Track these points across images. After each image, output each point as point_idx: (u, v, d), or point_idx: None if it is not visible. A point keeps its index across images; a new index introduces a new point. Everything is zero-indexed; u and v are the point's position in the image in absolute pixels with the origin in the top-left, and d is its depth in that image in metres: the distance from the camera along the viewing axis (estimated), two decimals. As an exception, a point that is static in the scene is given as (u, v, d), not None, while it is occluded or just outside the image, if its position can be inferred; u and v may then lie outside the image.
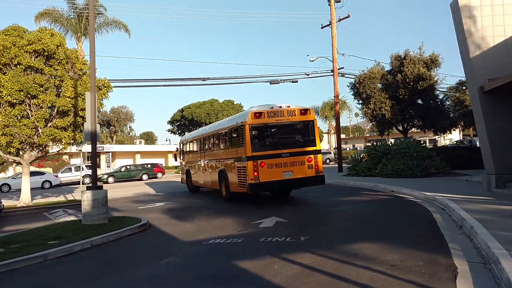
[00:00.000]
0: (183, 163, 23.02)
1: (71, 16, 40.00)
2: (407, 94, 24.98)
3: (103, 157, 58.66)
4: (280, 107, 13.99)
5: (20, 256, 7.81)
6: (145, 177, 38.12)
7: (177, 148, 25.43)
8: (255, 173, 13.09)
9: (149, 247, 8.97)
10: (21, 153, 17.69)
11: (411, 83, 24.57)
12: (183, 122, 69.90)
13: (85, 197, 11.20)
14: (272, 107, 13.91)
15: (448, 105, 28.51)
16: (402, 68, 25.42)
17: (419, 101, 26.28)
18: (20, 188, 30.22)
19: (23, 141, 16.57)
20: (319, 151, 14.16)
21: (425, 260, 6.20)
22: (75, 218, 13.51)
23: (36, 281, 6.85)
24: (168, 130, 74.38)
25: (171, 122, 73.23)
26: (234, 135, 14.74)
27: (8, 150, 16.88)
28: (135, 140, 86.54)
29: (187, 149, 22.30)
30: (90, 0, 11.61)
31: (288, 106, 14.15)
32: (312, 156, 13.82)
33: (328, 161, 51.34)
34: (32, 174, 31.99)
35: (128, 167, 40.25)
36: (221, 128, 16.44)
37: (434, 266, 5.91)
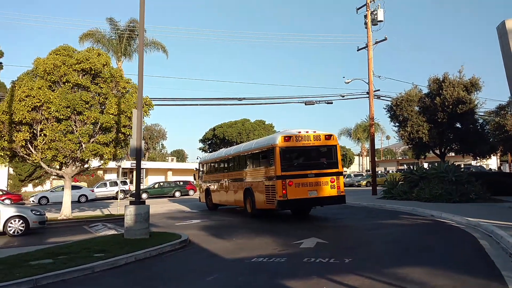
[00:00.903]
0: (202, 183, 24.20)
1: (113, 37, 41.58)
2: (445, 117, 24.55)
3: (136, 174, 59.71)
4: (307, 132, 15.49)
5: (69, 268, 8.02)
6: (177, 194, 38.57)
7: (196, 168, 26.45)
8: (284, 191, 14.38)
9: (192, 263, 9.06)
10: (63, 167, 18.25)
11: (450, 107, 24.16)
12: (214, 141, 70.61)
13: (128, 212, 11.44)
14: (300, 132, 15.38)
15: (488, 129, 27.82)
16: (440, 91, 25.05)
17: (458, 125, 25.75)
18: (58, 201, 31.37)
19: (67, 155, 17.11)
20: (341, 173, 15.49)
21: (479, 286, 6.06)
22: (116, 232, 13.79)
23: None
24: (200, 149, 75.22)
25: (202, 140, 74.07)
26: (263, 156, 16.00)
27: (53, 164, 17.48)
28: (167, 158, 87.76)
29: (207, 169, 23.64)
30: (140, 25, 12.03)
31: (314, 131, 15.68)
32: (334, 177, 15.16)
33: (357, 183, 50.77)
34: (72, 188, 32.99)
35: (161, 183, 40.85)
36: (248, 150, 17.79)
37: (490, 293, 5.77)
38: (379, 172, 71.67)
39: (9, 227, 14.10)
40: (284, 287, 6.62)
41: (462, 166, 49.02)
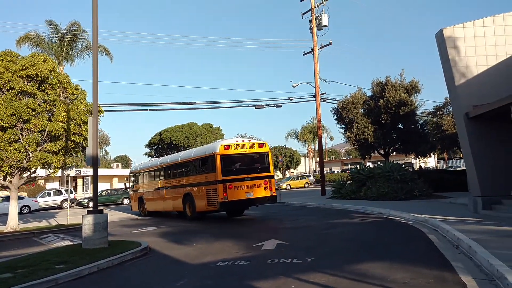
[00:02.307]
0: (134, 192, 25.22)
1: (53, 41, 40.04)
2: (389, 119, 25.80)
3: (80, 181, 57.77)
4: (243, 140, 18.12)
5: (33, 281, 7.82)
6: (126, 201, 37.64)
7: (126, 178, 26.87)
8: (225, 194, 16.21)
9: (157, 271, 9.07)
10: (8, 177, 17.49)
11: (393, 108, 25.42)
12: (161, 145, 69.53)
13: (86, 221, 11.23)
14: (237, 140, 17.83)
15: (427, 129, 29.50)
16: (383, 93, 26.29)
17: (400, 126, 27.14)
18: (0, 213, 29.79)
19: (13, 165, 16.43)
20: (272, 176, 17.85)
21: (434, 277, 6.58)
22: (71, 243, 13.44)
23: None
24: (146, 154, 73.72)
25: (148, 145, 72.73)
26: (204, 163, 17.75)
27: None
28: (111, 164, 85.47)
29: (140, 179, 24.72)
30: (93, 30, 11.86)
31: (249, 140, 18.43)
32: (267, 180, 17.37)
33: (307, 185, 51.88)
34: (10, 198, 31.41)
35: (109, 191, 39.79)
36: (187, 158, 19.37)
37: (444, 283, 6.29)
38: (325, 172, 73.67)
39: (-46, 242, 13.38)
40: (254, 288, 6.84)
41: (404, 164, 51.46)
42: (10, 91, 16.34)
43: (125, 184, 32.82)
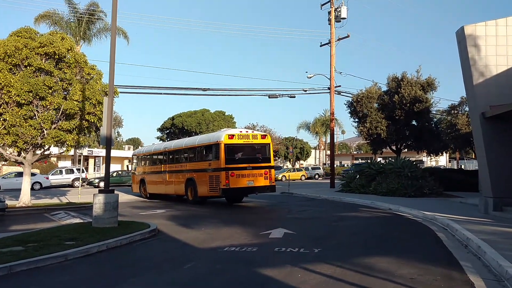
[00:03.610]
0: (136, 174, 25.67)
1: (71, 20, 40.14)
2: (403, 115, 25.59)
3: (91, 161, 58.34)
4: (247, 131, 18.73)
5: (43, 255, 7.95)
6: (136, 183, 37.98)
7: (129, 160, 27.49)
8: (227, 181, 16.90)
9: (165, 252, 9.18)
10: (23, 153, 17.72)
11: (408, 105, 25.20)
12: (173, 130, 69.83)
13: (97, 200, 11.36)
14: (241, 131, 18.45)
15: (441, 128, 29.22)
16: (399, 89, 26.06)
17: (414, 123, 26.92)
18: (10, 188, 30.29)
19: (28, 141, 16.62)
20: (272, 167, 18.64)
21: (441, 275, 6.56)
22: (81, 221, 13.61)
23: (67, 279, 7.01)
24: (157, 138, 74.16)
25: (161, 129, 73.12)
26: (208, 150, 18.42)
27: (12, 149, 16.94)
28: (123, 146, 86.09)
29: (143, 162, 25.36)
30: (112, 10, 11.87)
31: (252, 131, 19.24)
32: (268, 170, 18.13)
33: (317, 176, 51.87)
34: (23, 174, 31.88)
35: (120, 172, 40.11)
36: (191, 144, 20.07)
37: (452, 281, 6.28)
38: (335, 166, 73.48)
39: (-32, 214, 13.64)
40: (261, 275, 6.88)
41: (415, 161, 51.20)
42: (28, 67, 16.46)
43: (127, 166, 33.24)
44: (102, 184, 35.76)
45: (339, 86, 31.62)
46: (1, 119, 16.23)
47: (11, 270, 7.20)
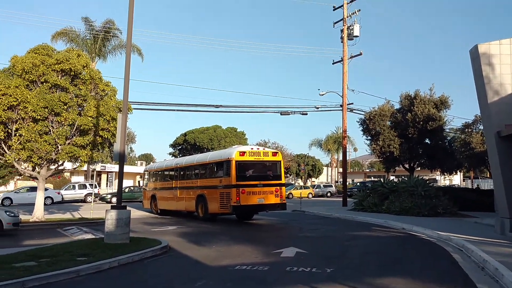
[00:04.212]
0: (148, 190, 25.60)
1: (87, 37, 40.82)
2: (416, 133, 25.43)
3: (104, 177, 58.69)
4: (258, 148, 18.68)
5: (55, 271, 7.97)
6: (148, 199, 38.06)
7: (141, 176, 27.78)
8: (237, 198, 16.78)
9: (177, 270, 9.14)
10: (37, 168, 17.91)
11: (421, 123, 25.04)
12: (185, 146, 70.15)
13: (109, 216, 11.39)
14: (252, 148, 18.58)
15: (455, 146, 28.92)
16: (412, 107, 25.94)
17: (427, 141, 26.71)
18: (22, 203, 30.53)
19: (42, 156, 16.81)
20: (283, 184, 18.62)
21: (458, 298, 6.42)
22: (93, 236, 13.65)
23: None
24: (170, 154, 74.52)
25: (173, 145, 73.51)
26: (219, 167, 18.36)
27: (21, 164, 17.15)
28: (136, 162, 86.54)
29: (154, 178, 25.44)
30: (128, 29, 12.06)
31: (264, 149, 18.99)
32: (278, 187, 18.03)
33: (329, 194, 51.46)
34: (35, 189, 32.15)
35: (132, 188, 40.31)
36: (203, 161, 20.12)
37: (469, 304, 6.13)
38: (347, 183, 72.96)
39: (-18, 228, 13.76)
40: (272, 295, 6.80)
41: (428, 180, 50.63)
42: (44, 84, 16.75)
43: (139, 182, 33.45)
44: (114, 199, 35.89)
45: (352, 103, 31.55)
46: (17, 135, 16.49)
47: (24, 286, 7.21)
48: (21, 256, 9.37)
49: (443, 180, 62.64)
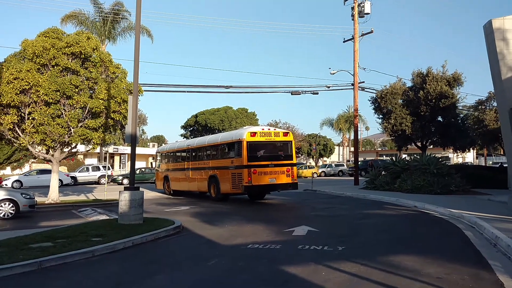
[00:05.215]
0: (160, 171, 25.91)
1: (97, 20, 40.76)
2: (428, 111, 25.17)
3: (117, 159, 59.27)
4: (269, 129, 18.66)
5: (71, 251, 8.15)
6: (160, 180, 38.40)
7: (153, 157, 28.00)
8: (249, 178, 16.95)
9: (189, 249, 9.28)
10: (51, 151, 18.14)
11: (433, 101, 24.76)
12: (196, 127, 70.39)
13: (123, 197, 11.55)
14: (263, 128, 18.59)
15: (468, 123, 28.63)
16: (424, 85, 25.63)
17: (440, 119, 26.46)
18: (32, 186, 30.99)
19: (55, 139, 17.00)
20: (295, 164, 18.69)
21: (469, 275, 6.43)
22: (108, 217, 13.88)
23: (95, 275, 7.17)
24: (181, 135, 74.86)
25: (184, 127, 73.80)
26: (230, 148, 18.51)
27: (41, 147, 17.38)
28: (147, 143, 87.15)
29: (166, 159, 25.67)
30: (137, 10, 12.02)
31: (275, 129, 18.94)
32: (290, 167, 18.14)
33: (340, 173, 51.42)
34: (46, 172, 32.63)
35: (143, 169, 40.66)
36: (214, 142, 20.26)
37: (480, 281, 6.14)
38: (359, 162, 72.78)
39: (0, 210, 14.05)
40: (284, 273, 6.88)
41: (441, 158, 50.27)
42: (55, 67, 16.84)
43: (151, 163, 33.67)
44: (125, 181, 36.32)
45: (363, 82, 31.19)
46: (30, 118, 16.67)
47: (41, 266, 7.39)
48: (38, 237, 9.58)
49: (455, 158, 62.19)
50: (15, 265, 7.13)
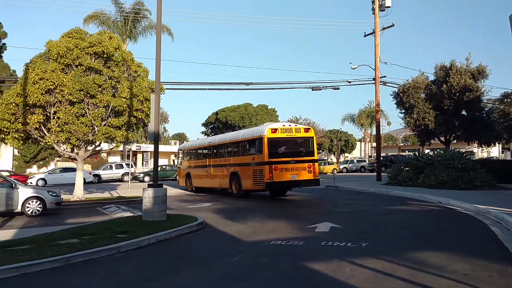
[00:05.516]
0: (183, 168, 26.27)
1: (118, 19, 41.31)
2: (452, 105, 24.72)
3: (139, 156, 60.03)
4: (290, 125, 18.51)
5: (97, 247, 8.30)
6: (181, 177, 38.76)
7: (175, 155, 28.27)
8: (270, 175, 16.90)
9: (212, 245, 9.35)
10: (75, 150, 18.49)
11: (457, 94, 24.30)
12: (217, 124, 70.82)
13: (147, 194, 11.70)
14: (284, 125, 18.28)
15: (493, 117, 28.01)
16: (447, 78, 25.17)
17: (464, 113, 25.97)
18: (56, 184, 31.63)
19: (80, 138, 17.31)
20: (316, 160, 18.50)
21: (497, 271, 6.31)
22: (132, 214, 14.09)
23: (121, 271, 7.31)
24: (202, 132, 75.45)
25: (205, 124, 74.34)
26: (251, 145, 18.52)
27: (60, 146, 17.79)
28: (169, 141, 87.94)
29: (188, 156, 25.95)
30: (157, 9, 12.11)
31: (296, 125, 18.92)
32: (311, 163, 18.01)
33: (363, 169, 51.00)
34: (69, 170, 33.29)
35: (164, 167, 41.07)
36: (235, 139, 20.30)
37: (509, 277, 6.03)
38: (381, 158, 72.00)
39: (27, 207, 14.39)
40: (308, 269, 6.88)
41: (465, 153, 49.34)
42: (79, 67, 17.14)
43: (173, 161, 34.01)
44: (146, 178, 36.81)
45: (384, 76, 30.88)
46: (55, 117, 17.02)
47: (69, 262, 7.56)
48: (65, 233, 9.80)
49: (480, 153, 60.92)
50: (44, 261, 7.30)
